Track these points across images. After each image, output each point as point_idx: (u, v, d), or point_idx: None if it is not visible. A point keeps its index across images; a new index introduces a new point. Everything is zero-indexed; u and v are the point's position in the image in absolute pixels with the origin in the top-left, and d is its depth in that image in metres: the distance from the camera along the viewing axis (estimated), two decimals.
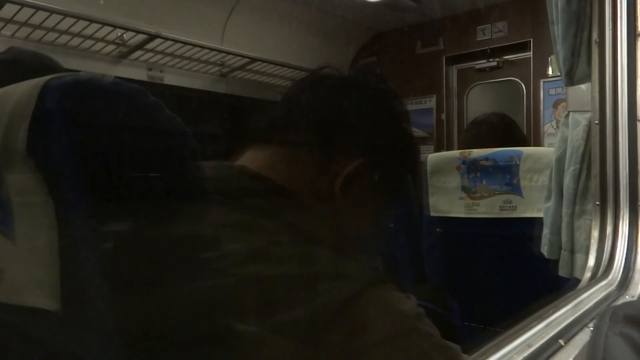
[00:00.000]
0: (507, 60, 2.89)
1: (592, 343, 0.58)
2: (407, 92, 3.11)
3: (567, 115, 1.08)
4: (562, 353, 0.60)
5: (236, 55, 2.52)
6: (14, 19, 1.86)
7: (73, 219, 0.37)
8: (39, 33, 1.98)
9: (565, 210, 1.04)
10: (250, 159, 0.62)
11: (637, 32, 0.95)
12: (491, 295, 1.50)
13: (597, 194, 0.99)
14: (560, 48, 1.04)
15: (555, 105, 2.67)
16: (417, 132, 3.06)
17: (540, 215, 1.17)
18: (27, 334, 0.41)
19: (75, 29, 2.00)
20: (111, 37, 2.13)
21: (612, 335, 0.55)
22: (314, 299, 0.46)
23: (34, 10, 1.81)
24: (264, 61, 2.61)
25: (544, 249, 1.12)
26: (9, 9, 1.81)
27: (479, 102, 3.08)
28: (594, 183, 1.00)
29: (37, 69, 0.92)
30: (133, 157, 0.39)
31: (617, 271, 0.92)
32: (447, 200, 1.56)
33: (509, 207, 1.45)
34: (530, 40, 2.74)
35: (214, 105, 2.73)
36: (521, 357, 0.56)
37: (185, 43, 2.28)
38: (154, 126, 0.40)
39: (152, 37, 2.16)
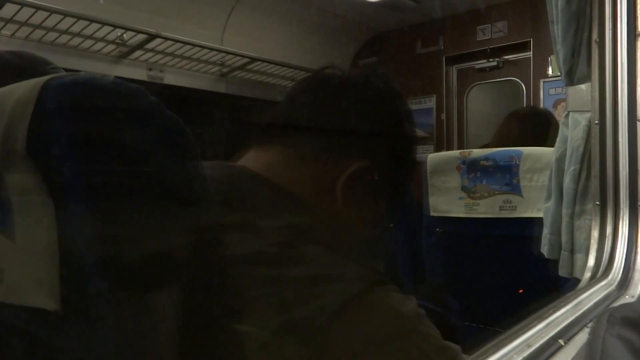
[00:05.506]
0: (507, 60, 2.89)
1: (590, 345, 0.58)
2: (407, 92, 3.11)
3: (567, 115, 1.08)
4: (562, 353, 0.60)
5: (236, 55, 2.52)
6: (14, 19, 1.86)
7: (73, 219, 0.37)
8: (39, 33, 1.98)
9: (565, 211, 1.04)
10: (251, 159, 0.62)
11: (637, 32, 0.95)
12: (491, 295, 1.50)
13: (597, 194, 0.99)
14: (560, 48, 1.04)
15: (555, 105, 2.67)
16: (418, 132, 3.05)
17: (540, 215, 1.17)
18: (27, 334, 0.41)
19: (75, 29, 2.00)
20: (111, 37, 2.13)
21: (609, 337, 0.55)
22: (315, 300, 0.46)
23: (34, 10, 1.81)
24: (264, 61, 2.61)
25: (544, 249, 1.12)
26: (9, 9, 1.81)
27: (479, 102, 3.08)
28: (594, 183, 1.00)
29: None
30: (133, 157, 0.39)
31: (617, 271, 0.92)
32: (447, 200, 1.56)
33: (509, 207, 1.45)
34: (530, 40, 2.73)
35: (214, 105, 2.73)
36: (521, 357, 0.56)
37: (185, 43, 2.28)
38: (153, 126, 0.40)
39: (152, 37, 2.16)
